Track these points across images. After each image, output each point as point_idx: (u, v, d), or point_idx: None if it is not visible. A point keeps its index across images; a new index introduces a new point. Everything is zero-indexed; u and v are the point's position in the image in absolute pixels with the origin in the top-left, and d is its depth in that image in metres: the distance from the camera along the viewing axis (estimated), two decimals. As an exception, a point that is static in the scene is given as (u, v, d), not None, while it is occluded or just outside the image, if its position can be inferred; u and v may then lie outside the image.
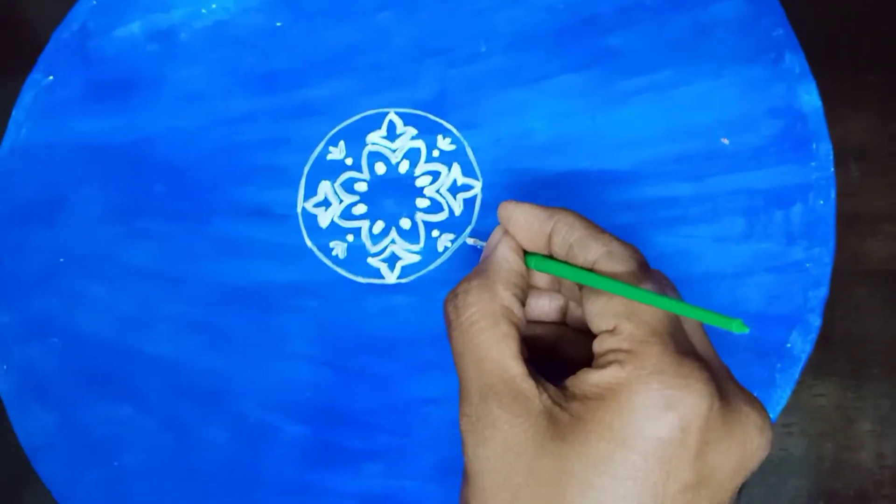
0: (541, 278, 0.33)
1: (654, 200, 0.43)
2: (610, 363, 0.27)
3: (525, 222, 0.32)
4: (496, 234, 0.33)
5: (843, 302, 0.45)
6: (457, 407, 0.44)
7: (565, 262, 0.31)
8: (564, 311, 0.34)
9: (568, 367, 0.30)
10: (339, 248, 0.45)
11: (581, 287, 0.30)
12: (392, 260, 0.45)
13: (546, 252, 0.32)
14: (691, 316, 0.26)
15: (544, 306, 0.34)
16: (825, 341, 0.44)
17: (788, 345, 0.41)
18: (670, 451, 0.26)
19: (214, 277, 0.46)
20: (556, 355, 0.34)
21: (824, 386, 0.45)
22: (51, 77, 0.49)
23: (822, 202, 0.42)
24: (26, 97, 0.49)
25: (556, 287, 0.33)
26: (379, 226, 0.45)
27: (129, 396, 0.45)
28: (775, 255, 0.42)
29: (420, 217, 0.45)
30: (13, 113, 0.49)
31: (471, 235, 0.44)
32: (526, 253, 0.33)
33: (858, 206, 0.46)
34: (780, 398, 0.40)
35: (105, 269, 0.47)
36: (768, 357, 0.41)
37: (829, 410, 0.45)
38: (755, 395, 0.39)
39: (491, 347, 0.29)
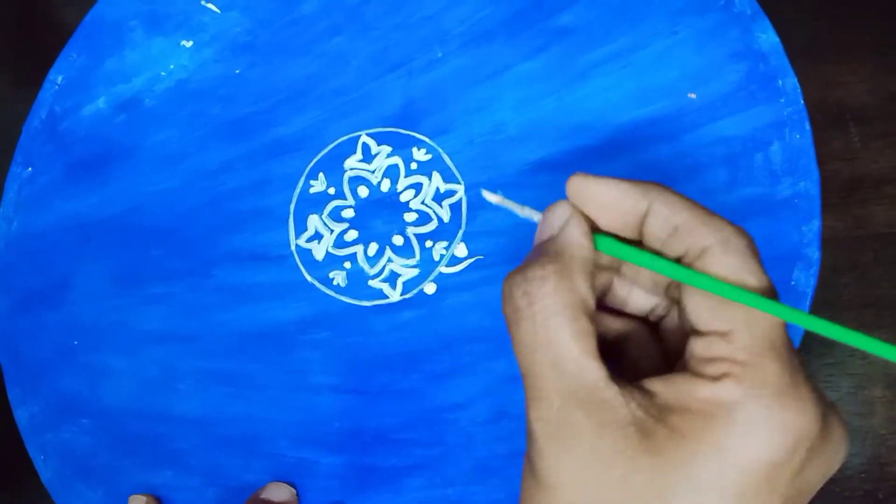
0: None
1: (634, 167, 0.44)
2: (723, 375, 0.24)
3: (611, 200, 0.27)
4: (561, 211, 0.28)
5: (849, 268, 0.45)
6: (482, 407, 0.44)
7: (656, 254, 0.27)
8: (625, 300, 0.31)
9: (628, 365, 0.29)
10: (339, 277, 0.46)
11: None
12: (392, 278, 0.45)
13: (635, 236, 0.28)
14: (847, 341, 0.24)
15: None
16: (832, 308, 0.44)
17: (792, 283, 0.41)
18: (777, 472, 0.24)
19: (225, 328, 0.47)
20: (618, 351, 0.30)
21: (833, 353, 0.45)
22: (30, 168, 0.50)
23: (798, 136, 0.42)
24: (10, 191, 0.50)
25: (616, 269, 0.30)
26: (373, 248, 0.46)
27: (167, 460, 0.46)
28: (763, 197, 0.42)
29: (411, 231, 0.46)
30: (0, 209, 0.50)
31: (496, 193, 0.31)
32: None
33: (860, 169, 0.46)
34: (793, 339, 0.41)
35: (119, 340, 0.48)
36: (776, 298, 0.41)
37: (840, 378, 0.45)
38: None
39: (571, 346, 0.25)
